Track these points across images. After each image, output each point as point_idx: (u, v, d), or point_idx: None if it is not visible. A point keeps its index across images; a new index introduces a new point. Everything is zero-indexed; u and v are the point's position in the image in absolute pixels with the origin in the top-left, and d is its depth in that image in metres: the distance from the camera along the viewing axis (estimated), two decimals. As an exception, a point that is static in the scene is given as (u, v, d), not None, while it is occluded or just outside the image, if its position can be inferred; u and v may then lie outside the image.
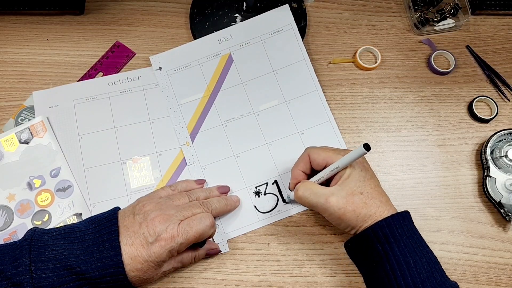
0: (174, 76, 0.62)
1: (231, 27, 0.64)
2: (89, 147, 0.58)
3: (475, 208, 0.59)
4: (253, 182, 0.58)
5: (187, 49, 0.63)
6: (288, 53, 0.63)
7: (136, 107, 0.60)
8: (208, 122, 0.60)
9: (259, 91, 0.62)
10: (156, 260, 0.46)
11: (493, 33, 0.69)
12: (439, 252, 0.56)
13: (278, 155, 0.59)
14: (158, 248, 0.45)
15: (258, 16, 0.64)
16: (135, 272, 0.45)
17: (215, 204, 0.53)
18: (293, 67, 0.63)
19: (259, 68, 0.63)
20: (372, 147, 0.61)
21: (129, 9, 0.67)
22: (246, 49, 0.63)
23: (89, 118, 0.59)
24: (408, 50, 0.67)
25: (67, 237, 0.45)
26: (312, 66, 0.62)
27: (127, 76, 0.62)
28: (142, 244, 0.45)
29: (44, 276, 0.42)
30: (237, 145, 0.59)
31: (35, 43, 0.63)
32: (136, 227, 0.46)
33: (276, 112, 0.61)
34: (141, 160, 0.58)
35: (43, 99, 0.60)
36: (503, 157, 0.59)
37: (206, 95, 0.61)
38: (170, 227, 0.46)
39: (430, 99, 0.64)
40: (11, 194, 0.55)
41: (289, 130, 0.60)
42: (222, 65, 0.63)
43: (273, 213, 0.56)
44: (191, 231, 0.47)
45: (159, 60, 0.63)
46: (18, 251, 0.44)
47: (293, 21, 0.64)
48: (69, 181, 0.56)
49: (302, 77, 0.62)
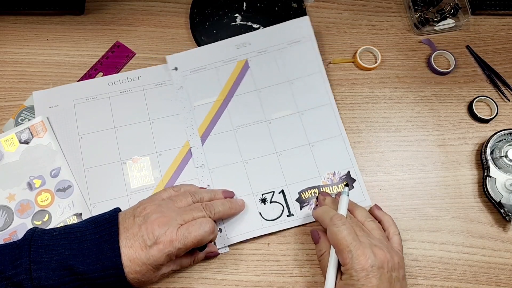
0: (189, 77, 0.62)
1: (250, 34, 0.64)
2: (89, 147, 0.58)
3: (475, 208, 0.59)
4: (260, 189, 0.57)
5: (204, 51, 0.63)
6: (305, 64, 0.63)
7: (136, 107, 0.60)
8: (220, 126, 0.60)
9: (273, 99, 0.61)
10: (154, 264, 0.45)
11: (493, 33, 0.69)
12: (439, 252, 0.56)
13: (287, 164, 0.58)
14: (156, 251, 0.45)
15: (277, 25, 0.64)
16: (134, 274, 0.45)
17: (218, 207, 0.52)
18: (308, 78, 0.62)
19: (274, 77, 0.62)
20: (372, 147, 0.61)
21: (129, 9, 0.67)
22: (263, 56, 0.63)
23: (89, 118, 0.59)
24: (408, 50, 0.67)
25: (67, 237, 0.45)
26: (328, 79, 0.62)
27: (127, 76, 0.62)
28: (141, 247, 0.45)
29: (44, 276, 0.42)
30: (247, 151, 0.59)
31: (35, 43, 0.63)
32: (136, 229, 0.46)
33: (288, 122, 0.60)
34: (141, 160, 0.58)
35: (43, 99, 0.60)
36: (503, 157, 0.59)
37: (219, 99, 0.61)
38: (169, 231, 0.46)
39: (430, 99, 0.64)
40: (11, 194, 0.55)
41: (299, 141, 0.60)
42: (238, 71, 0.63)
43: (277, 222, 0.56)
44: (189, 237, 0.46)
45: (176, 60, 0.62)
46: (17, 251, 0.44)
47: (312, 33, 0.64)
48: (69, 181, 0.56)
49: (317, 89, 0.62)
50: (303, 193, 0.57)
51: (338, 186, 0.58)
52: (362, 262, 0.43)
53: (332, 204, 0.52)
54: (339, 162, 0.59)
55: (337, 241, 0.45)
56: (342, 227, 0.45)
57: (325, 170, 0.58)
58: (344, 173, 0.58)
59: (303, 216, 0.56)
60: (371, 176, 0.59)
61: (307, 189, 0.57)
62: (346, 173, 0.58)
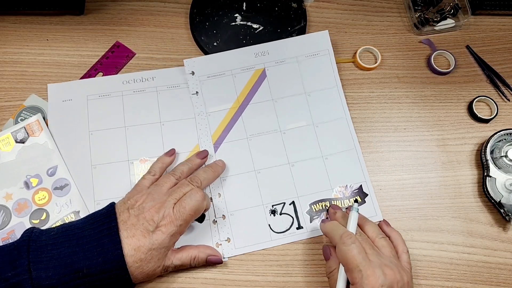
0: (206, 82, 0.62)
1: (269, 43, 0.64)
2: (98, 144, 0.58)
3: (475, 208, 0.59)
4: (271, 200, 0.57)
5: (222, 57, 0.63)
6: (322, 77, 0.63)
7: (148, 107, 0.60)
8: (233, 134, 0.60)
9: (288, 110, 0.61)
10: (160, 247, 0.46)
11: (493, 33, 0.69)
12: (439, 252, 0.56)
13: (299, 176, 0.58)
14: (160, 234, 0.46)
15: (297, 37, 0.65)
16: (139, 263, 0.45)
17: (202, 175, 0.53)
18: (325, 92, 0.62)
19: (291, 88, 0.62)
20: (372, 147, 0.61)
21: (129, 9, 0.67)
22: (281, 67, 0.63)
23: (101, 115, 0.60)
24: (408, 50, 0.67)
25: (65, 235, 0.45)
26: (344, 94, 0.62)
27: (141, 76, 0.62)
28: (144, 234, 0.46)
29: (44, 275, 0.42)
30: (259, 160, 0.58)
31: (35, 43, 0.63)
32: (134, 220, 0.47)
33: (303, 133, 0.60)
34: (149, 161, 0.57)
35: (58, 92, 0.60)
36: (503, 157, 0.59)
37: (234, 107, 0.61)
38: (166, 212, 0.47)
39: (430, 99, 0.64)
40: (8, 194, 0.55)
41: (313, 153, 0.59)
42: (254, 79, 0.62)
43: (286, 234, 0.55)
44: (185, 211, 0.48)
45: (193, 65, 0.62)
46: (16, 252, 0.44)
47: (330, 47, 0.64)
48: (66, 179, 0.56)
49: (333, 103, 0.62)
50: (314, 206, 0.57)
51: (349, 200, 0.57)
52: (372, 282, 0.42)
53: (342, 219, 0.52)
54: (352, 176, 0.58)
55: (347, 260, 0.44)
56: (352, 245, 0.45)
57: (337, 183, 0.58)
58: (356, 187, 0.58)
59: (312, 229, 0.56)
60: (371, 176, 0.59)
61: (318, 202, 0.57)
62: (358, 187, 0.58)
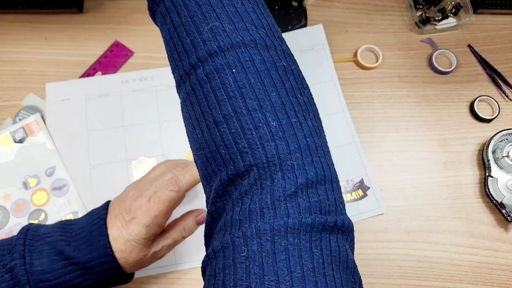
0: None
1: None
2: (97, 144, 0.58)
3: (477, 209, 0.58)
4: None
5: None
6: (318, 72, 0.63)
7: (147, 107, 0.60)
8: None
9: None
10: (137, 238, 0.45)
11: (494, 33, 0.69)
12: (441, 253, 0.55)
13: None
14: (135, 225, 0.45)
15: (291, 32, 0.64)
16: (120, 253, 0.45)
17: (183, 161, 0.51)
18: (321, 86, 0.62)
19: None
20: (374, 147, 0.61)
21: (128, 8, 0.66)
22: None
23: (99, 115, 0.59)
24: (410, 49, 0.67)
25: (62, 228, 0.46)
26: (340, 87, 0.62)
27: (140, 75, 0.62)
28: (122, 224, 0.45)
29: (37, 262, 0.43)
30: None
31: (34, 42, 0.63)
32: (116, 209, 0.47)
33: None
34: (147, 161, 0.57)
35: (56, 91, 0.60)
36: (505, 157, 0.58)
37: None
38: (142, 202, 0.46)
39: (432, 99, 0.64)
40: (7, 194, 0.54)
41: None
42: None
43: None
44: (160, 201, 0.46)
45: None
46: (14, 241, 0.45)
47: (325, 41, 0.64)
48: (65, 180, 0.55)
49: (329, 97, 0.62)
50: None
51: (351, 194, 0.57)
52: None
53: None
54: (353, 170, 0.58)
55: None
56: None
57: None
58: (357, 181, 0.58)
59: None
60: (372, 176, 0.59)
61: None
62: (359, 180, 0.58)
